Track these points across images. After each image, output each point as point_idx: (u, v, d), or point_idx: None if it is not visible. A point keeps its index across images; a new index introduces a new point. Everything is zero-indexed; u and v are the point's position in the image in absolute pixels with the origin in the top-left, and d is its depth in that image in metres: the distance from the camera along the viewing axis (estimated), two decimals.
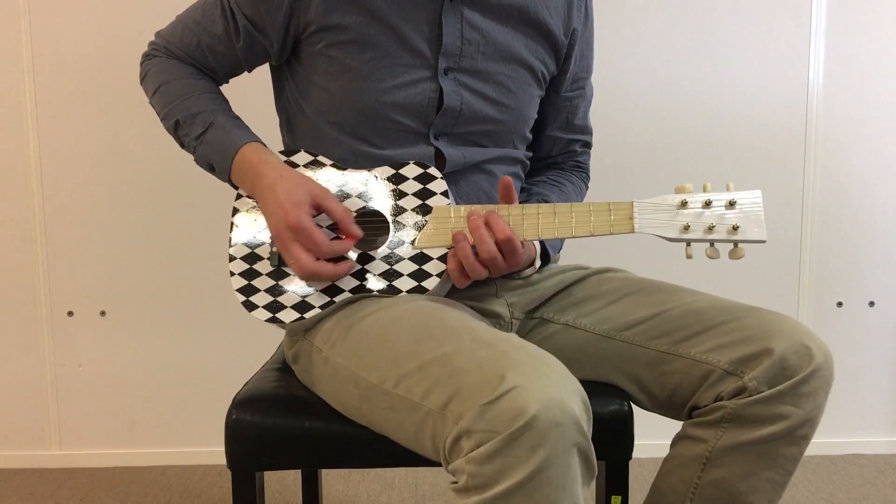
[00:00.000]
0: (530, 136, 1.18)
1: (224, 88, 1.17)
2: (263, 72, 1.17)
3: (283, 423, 0.98)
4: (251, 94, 1.33)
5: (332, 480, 1.91)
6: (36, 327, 1.98)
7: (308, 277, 0.99)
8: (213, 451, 2.01)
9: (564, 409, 0.75)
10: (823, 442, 2.05)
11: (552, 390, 0.76)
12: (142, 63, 1.15)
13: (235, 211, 1.08)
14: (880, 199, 2.02)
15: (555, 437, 0.74)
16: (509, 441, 0.74)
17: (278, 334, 1.23)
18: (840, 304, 2.06)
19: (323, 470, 1.68)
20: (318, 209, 0.99)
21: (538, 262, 1.09)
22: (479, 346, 0.83)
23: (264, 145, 1.06)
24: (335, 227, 1.01)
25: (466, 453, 0.76)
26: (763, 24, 1.95)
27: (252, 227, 1.06)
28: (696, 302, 1.02)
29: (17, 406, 2.00)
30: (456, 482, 0.78)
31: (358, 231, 1.00)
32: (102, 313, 1.98)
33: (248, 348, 1.96)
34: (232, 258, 1.06)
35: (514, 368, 0.77)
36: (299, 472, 1.69)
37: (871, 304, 2.06)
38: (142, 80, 1.15)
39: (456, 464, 0.78)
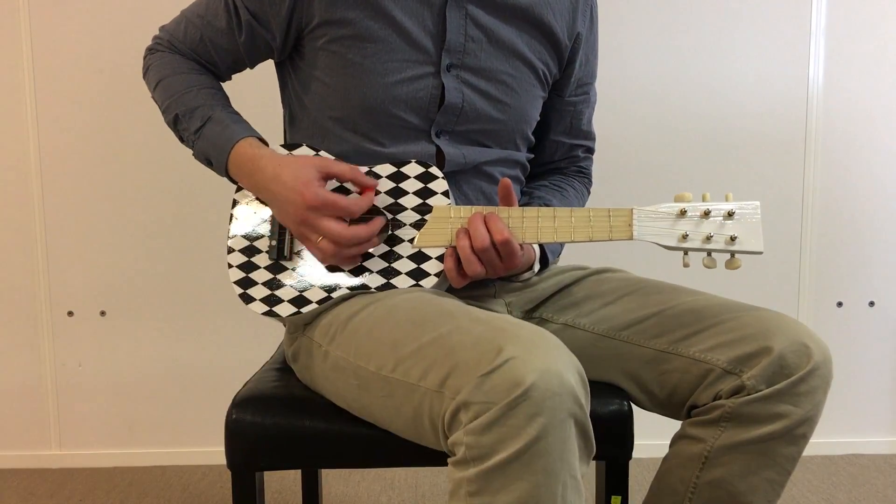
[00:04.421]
0: (532, 138, 1.18)
1: (227, 84, 1.17)
2: (267, 68, 1.17)
3: (283, 423, 0.98)
4: (254, 91, 1.33)
5: (332, 480, 1.91)
6: (36, 327, 1.98)
7: (348, 245, 0.97)
8: (213, 451, 2.01)
9: (561, 379, 0.76)
10: (823, 442, 2.05)
11: (549, 361, 0.76)
12: (145, 57, 1.16)
13: (235, 203, 1.08)
14: (880, 199, 2.03)
15: (552, 406, 0.75)
16: (507, 410, 0.74)
17: (278, 334, 1.23)
18: (840, 304, 2.06)
19: (323, 470, 1.68)
20: (327, 177, 1.00)
21: (537, 267, 1.10)
22: (476, 324, 0.83)
23: (262, 140, 1.06)
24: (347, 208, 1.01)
25: (465, 425, 0.77)
26: (763, 24, 1.95)
27: (251, 220, 1.06)
28: (694, 301, 1.02)
29: (17, 406, 2.00)
30: (454, 455, 0.78)
31: (373, 181, 1.01)
32: (102, 313, 1.98)
33: (248, 348, 1.97)
34: (231, 250, 1.06)
35: (511, 341, 0.78)
36: (299, 472, 1.69)
37: (871, 304, 2.06)
38: (144, 74, 1.15)
39: (454, 436, 0.78)
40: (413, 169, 1.03)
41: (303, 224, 0.98)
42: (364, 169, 1.05)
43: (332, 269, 1.03)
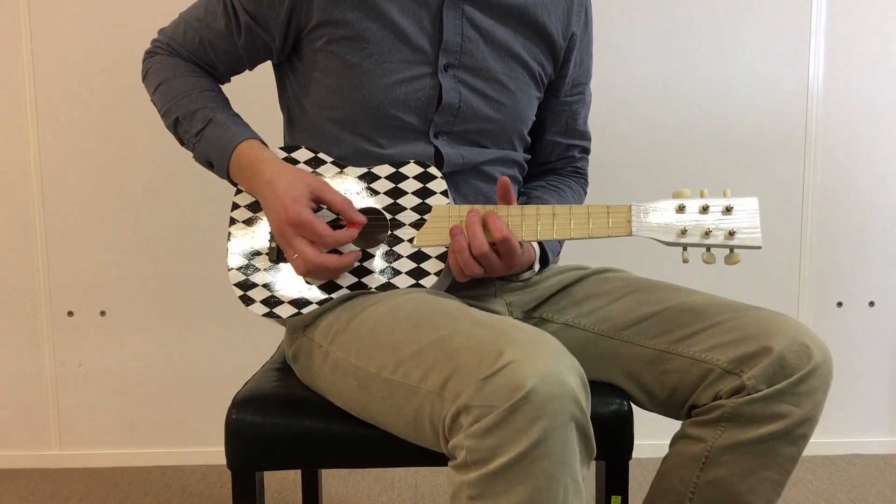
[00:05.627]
0: (529, 139, 1.18)
1: (226, 86, 1.17)
2: (266, 70, 1.17)
3: (283, 423, 0.98)
4: (254, 92, 1.33)
5: (332, 480, 1.91)
6: (36, 327, 1.98)
7: (315, 271, 0.98)
8: (213, 451, 2.01)
9: (562, 382, 0.76)
10: (823, 442, 2.05)
11: (549, 364, 0.76)
12: (144, 60, 1.16)
13: (235, 206, 1.08)
14: (880, 198, 2.03)
15: (553, 410, 0.75)
16: (508, 414, 0.74)
17: (278, 335, 1.23)
18: (840, 304, 2.06)
19: (323, 470, 1.68)
20: (318, 202, 0.99)
21: (537, 266, 1.10)
22: (477, 327, 0.83)
23: (263, 142, 1.07)
24: (336, 225, 1.01)
25: (465, 429, 0.77)
26: (763, 24, 1.95)
27: (251, 222, 1.07)
28: (695, 301, 1.03)
29: (17, 406, 2.00)
30: (455, 459, 0.78)
31: (361, 217, 1.00)
32: (102, 313, 1.98)
33: (248, 348, 1.97)
34: (230, 252, 1.06)
35: (512, 344, 0.78)
36: (299, 472, 1.69)
37: (871, 304, 2.06)
38: (143, 78, 1.15)
39: (455, 440, 0.78)
40: (412, 169, 1.03)
41: (280, 236, 0.99)
42: (363, 171, 1.05)
43: None
